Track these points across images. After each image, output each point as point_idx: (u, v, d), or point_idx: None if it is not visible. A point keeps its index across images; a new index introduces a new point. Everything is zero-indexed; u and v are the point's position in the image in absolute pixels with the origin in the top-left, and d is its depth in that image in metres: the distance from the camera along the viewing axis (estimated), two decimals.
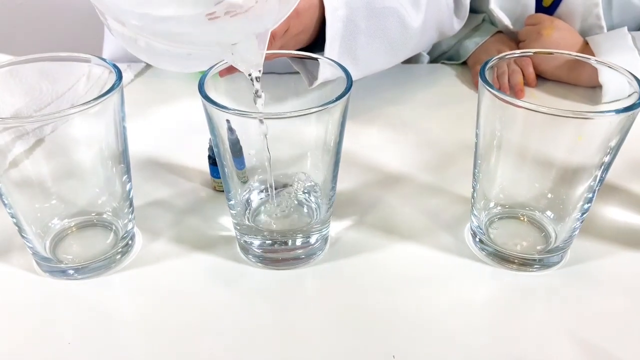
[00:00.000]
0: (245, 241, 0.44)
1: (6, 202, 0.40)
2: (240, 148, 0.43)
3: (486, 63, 0.40)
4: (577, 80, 0.66)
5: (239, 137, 0.41)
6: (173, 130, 0.62)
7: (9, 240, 0.46)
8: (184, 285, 0.42)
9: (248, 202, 0.44)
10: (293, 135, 0.40)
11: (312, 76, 0.59)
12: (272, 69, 0.51)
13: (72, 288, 0.42)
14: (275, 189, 0.44)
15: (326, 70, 0.56)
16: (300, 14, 0.52)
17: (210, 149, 0.50)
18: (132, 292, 0.42)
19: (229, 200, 0.43)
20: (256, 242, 0.43)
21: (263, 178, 0.44)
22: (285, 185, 0.45)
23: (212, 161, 0.50)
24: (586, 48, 0.67)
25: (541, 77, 0.69)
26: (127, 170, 0.43)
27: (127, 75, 0.75)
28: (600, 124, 0.38)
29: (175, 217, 0.49)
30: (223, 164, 0.41)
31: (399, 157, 0.57)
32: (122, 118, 0.41)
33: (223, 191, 0.51)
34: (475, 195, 0.45)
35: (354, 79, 0.65)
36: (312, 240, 0.43)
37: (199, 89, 0.37)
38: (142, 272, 0.43)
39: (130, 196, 0.45)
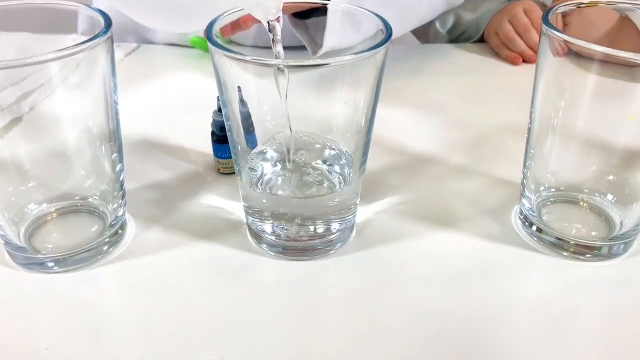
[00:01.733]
0: (258, 227, 0.37)
1: None
2: (252, 123, 0.36)
3: (548, 11, 0.34)
4: (615, 57, 0.60)
5: (250, 109, 0.35)
6: (169, 110, 0.55)
7: None
8: (183, 278, 0.36)
9: (262, 176, 0.38)
10: (318, 94, 0.33)
11: (316, 44, 0.53)
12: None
13: (51, 283, 0.35)
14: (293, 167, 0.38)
15: (332, 36, 0.50)
16: None
17: (214, 123, 0.43)
18: (122, 288, 0.35)
19: (240, 177, 0.36)
20: (270, 227, 0.37)
21: (279, 149, 0.37)
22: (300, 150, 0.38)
23: (217, 138, 0.43)
24: (623, 23, 0.61)
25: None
26: (119, 149, 0.37)
27: (116, 55, 0.69)
28: None
29: (173, 202, 0.42)
30: (235, 141, 0.35)
31: (428, 137, 0.50)
32: (112, 89, 0.35)
33: (228, 174, 0.45)
34: (527, 174, 0.38)
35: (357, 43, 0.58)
36: (336, 226, 0.37)
37: (206, 35, 0.31)
38: (134, 264, 0.37)
39: (121, 178, 0.38)
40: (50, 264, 0.36)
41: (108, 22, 0.32)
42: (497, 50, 0.69)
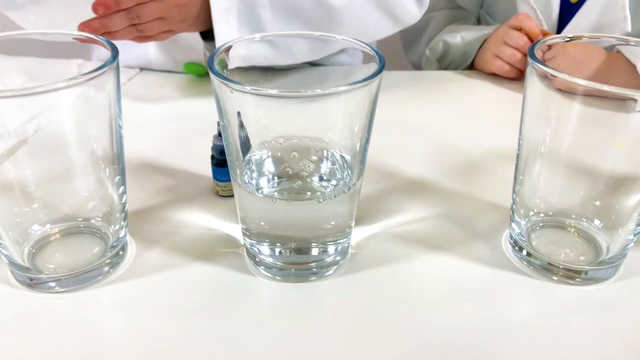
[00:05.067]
0: (255, 249, 0.38)
1: None
2: (251, 147, 0.37)
3: (534, 45, 0.36)
4: (599, 91, 0.62)
5: (249, 133, 0.36)
6: (169, 133, 0.56)
7: None
8: (181, 300, 0.36)
9: (258, 187, 0.39)
10: (315, 122, 0.35)
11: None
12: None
13: (53, 302, 0.36)
14: (289, 176, 0.39)
15: (240, 47, 0.53)
16: None
17: (214, 147, 0.45)
18: (122, 309, 0.36)
19: (238, 187, 0.37)
20: (267, 250, 0.38)
21: (275, 170, 0.38)
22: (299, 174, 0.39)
23: (216, 162, 0.45)
24: (613, 58, 0.63)
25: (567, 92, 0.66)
26: (122, 172, 0.38)
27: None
28: None
29: (173, 224, 0.43)
30: (234, 164, 0.36)
31: (420, 163, 0.52)
32: (117, 113, 0.36)
33: (227, 196, 0.46)
34: (516, 199, 0.40)
35: (278, 63, 0.57)
36: (331, 249, 0.38)
37: (208, 66, 0.32)
38: (134, 285, 0.38)
39: (124, 200, 0.39)
40: (52, 284, 0.37)
41: (115, 52, 0.34)
42: (501, 72, 0.70)
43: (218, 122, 0.44)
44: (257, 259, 0.38)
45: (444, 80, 0.72)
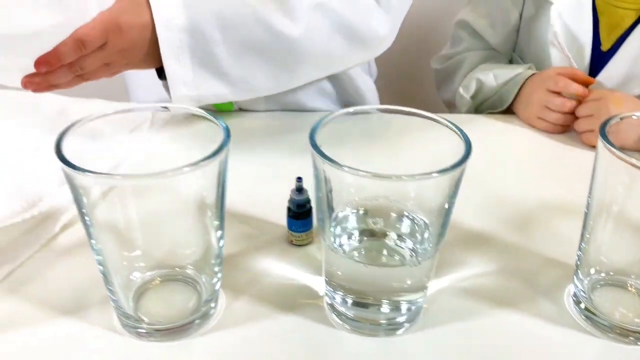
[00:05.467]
0: (334, 300, 0.41)
1: (95, 247, 0.38)
2: (330, 205, 0.40)
3: (606, 122, 0.39)
4: None
5: (335, 191, 0.39)
6: (244, 181, 0.58)
7: (84, 293, 0.44)
8: (266, 353, 0.40)
9: (341, 245, 0.42)
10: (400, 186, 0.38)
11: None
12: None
13: (151, 352, 0.39)
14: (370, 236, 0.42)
15: (178, 85, 0.54)
16: (122, 29, 0.52)
17: (291, 201, 0.48)
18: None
19: (322, 244, 0.40)
20: (344, 300, 0.41)
21: (358, 227, 0.42)
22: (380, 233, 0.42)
23: (292, 214, 0.48)
24: None
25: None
26: (221, 226, 0.41)
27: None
28: None
29: (255, 272, 0.46)
30: (325, 215, 0.39)
31: (475, 213, 0.54)
32: (224, 169, 0.38)
33: (301, 245, 0.49)
34: (581, 256, 0.43)
35: (235, 99, 0.59)
36: (406, 307, 0.41)
37: (310, 140, 0.36)
38: (225, 336, 0.41)
39: (222, 253, 0.42)
40: (148, 333, 0.40)
41: (227, 132, 0.37)
42: (547, 130, 0.71)
43: (297, 178, 0.48)
44: (335, 310, 0.42)
45: (484, 126, 0.73)
